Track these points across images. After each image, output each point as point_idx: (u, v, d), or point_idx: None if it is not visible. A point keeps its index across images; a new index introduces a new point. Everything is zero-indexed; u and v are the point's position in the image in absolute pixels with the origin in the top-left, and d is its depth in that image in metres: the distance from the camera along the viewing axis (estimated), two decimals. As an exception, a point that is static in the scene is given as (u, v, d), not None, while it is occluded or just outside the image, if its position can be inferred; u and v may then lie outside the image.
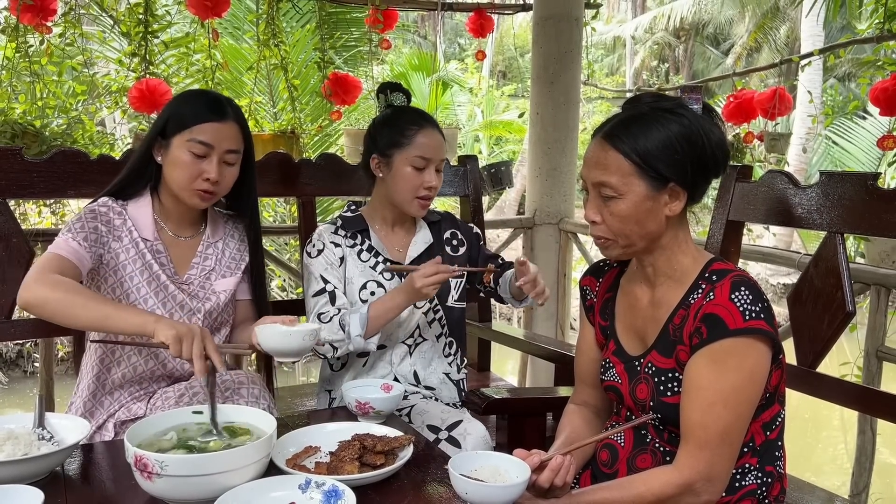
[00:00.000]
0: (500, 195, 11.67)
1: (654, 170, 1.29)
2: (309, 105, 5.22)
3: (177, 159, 1.65)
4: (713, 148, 1.31)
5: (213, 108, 1.67)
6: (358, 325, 1.82)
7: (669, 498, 1.27)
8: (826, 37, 11.09)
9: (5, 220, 1.96)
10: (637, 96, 1.39)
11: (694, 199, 1.35)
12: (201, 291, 1.77)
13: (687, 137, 1.29)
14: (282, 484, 1.22)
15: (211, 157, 1.65)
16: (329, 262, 1.94)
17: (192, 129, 1.64)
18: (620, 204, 1.31)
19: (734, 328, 1.24)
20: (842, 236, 1.73)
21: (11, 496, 1.15)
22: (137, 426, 1.31)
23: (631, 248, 1.36)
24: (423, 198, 1.94)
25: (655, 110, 1.31)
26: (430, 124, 1.95)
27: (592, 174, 1.34)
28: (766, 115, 3.44)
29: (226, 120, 1.67)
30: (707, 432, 1.25)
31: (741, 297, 1.26)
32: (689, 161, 1.30)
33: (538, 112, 3.73)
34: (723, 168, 1.35)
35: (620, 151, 1.30)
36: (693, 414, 1.27)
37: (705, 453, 1.25)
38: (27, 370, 7.22)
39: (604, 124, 1.35)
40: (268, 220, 5.10)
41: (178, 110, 1.68)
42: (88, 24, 4.36)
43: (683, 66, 20.09)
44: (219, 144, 1.65)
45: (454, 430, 1.75)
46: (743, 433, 1.29)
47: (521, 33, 18.06)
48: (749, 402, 1.27)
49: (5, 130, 2.53)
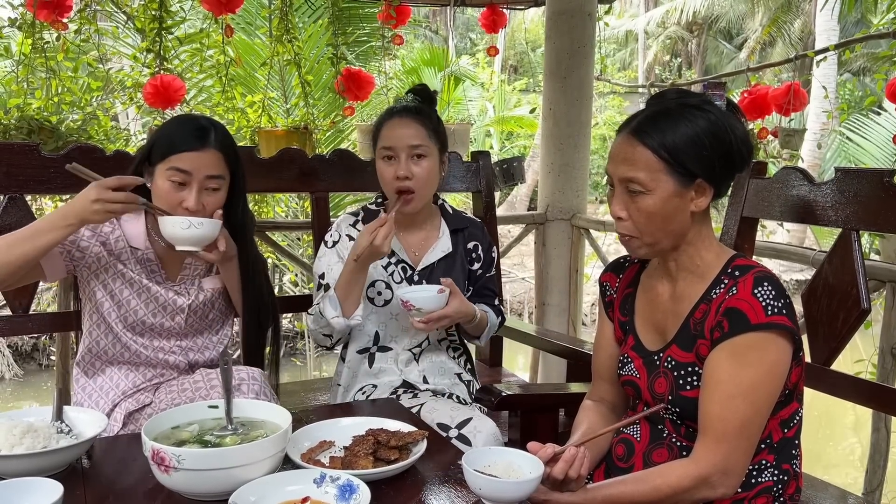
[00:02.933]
0: (511, 190, 11.65)
1: (683, 166, 1.29)
2: (322, 101, 5.23)
3: (158, 188, 1.66)
4: (739, 143, 1.31)
5: (196, 135, 1.66)
6: (330, 308, 1.83)
7: (686, 490, 1.27)
8: (841, 31, 11.00)
9: (23, 215, 1.98)
10: (662, 92, 1.39)
11: (719, 195, 1.35)
12: (189, 290, 1.77)
13: (714, 133, 1.29)
14: (297, 478, 1.23)
15: (191, 186, 1.64)
16: (340, 256, 1.95)
17: (171, 159, 1.64)
18: (648, 200, 1.31)
19: (756, 322, 1.24)
20: (857, 233, 1.72)
21: (32, 488, 1.16)
22: (154, 420, 1.32)
23: (657, 245, 1.36)
24: (401, 190, 1.89)
25: (682, 106, 1.31)
26: (399, 114, 1.91)
27: (620, 169, 1.33)
28: (780, 111, 3.42)
29: (206, 148, 1.65)
30: (725, 425, 1.25)
31: (764, 292, 1.26)
32: (717, 157, 1.30)
33: (551, 108, 3.72)
34: (747, 163, 1.35)
35: (649, 147, 1.29)
36: (712, 407, 1.26)
37: (723, 446, 1.25)
38: (42, 363, 7.29)
39: (630, 119, 1.35)
40: (280, 215, 5.12)
41: (162, 138, 1.68)
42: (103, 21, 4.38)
43: (696, 60, 19.96)
44: (197, 171, 1.64)
45: (464, 428, 1.74)
46: (761, 428, 1.28)
47: (533, 28, 17.99)
48: (768, 396, 1.27)
49: (22, 126, 2.55)
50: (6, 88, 3.40)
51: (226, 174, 1.70)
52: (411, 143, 1.89)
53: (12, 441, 1.30)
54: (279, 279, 6.51)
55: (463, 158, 2.66)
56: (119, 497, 1.26)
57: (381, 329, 1.99)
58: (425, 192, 1.93)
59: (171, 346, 1.79)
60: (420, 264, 1.99)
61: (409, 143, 1.89)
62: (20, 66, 2.89)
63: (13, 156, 1.97)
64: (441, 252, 2.00)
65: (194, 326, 1.80)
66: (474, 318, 1.92)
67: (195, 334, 1.82)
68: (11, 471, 1.25)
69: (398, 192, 1.89)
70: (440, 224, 2.04)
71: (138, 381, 1.77)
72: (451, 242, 2.02)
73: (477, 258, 2.06)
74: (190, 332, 1.80)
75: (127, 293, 1.73)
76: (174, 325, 1.77)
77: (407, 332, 1.98)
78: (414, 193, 1.89)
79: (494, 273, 2.12)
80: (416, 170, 1.88)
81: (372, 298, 1.95)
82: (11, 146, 2.01)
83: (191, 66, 3.65)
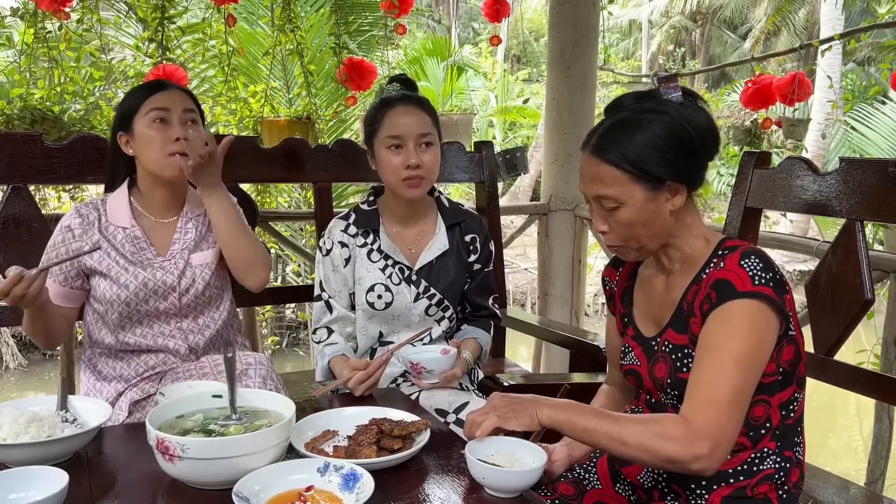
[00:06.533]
0: (514, 180, 11.63)
1: (648, 173, 1.30)
2: (324, 90, 5.21)
3: (143, 137, 1.73)
4: (700, 135, 1.31)
5: (155, 84, 1.79)
6: (319, 372, 1.95)
7: (668, 443, 1.20)
8: (846, 20, 10.93)
9: (26, 205, 1.99)
10: (617, 100, 1.38)
11: (694, 187, 1.36)
12: (179, 269, 1.77)
13: (671, 134, 1.29)
14: (301, 467, 1.23)
15: (172, 121, 1.73)
16: (334, 265, 1.97)
17: (146, 103, 1.73)
18: (624, 212, 1.32)
19: (742, 290, 1.24)
20: (861, 223, 1.71)
21: (37, 477, 1.17)
22: (159, 409, 1.33)
23: (644, 249, 1.38)
24: (409, 178, 1.88)
25: (636, 113, 1.32)
26: (401, 103, 1.91)
27: (591, 189, 1.35)
28: (784, 101, 3.40)
29: (171, 88, 1.78)
30: (716, 390, 1.22)
31: (751, 263, 1.26)
32: (679, 156, 1.30)
33: (554, 98, 3.71)
34: (715, 150, 1.35)
35: (611, 163, 1.30)
36: (703, 373, 1.24)
37: (712, 411, 1.21)
38: (46, 353, 7.31)
39: (590, 136, 1.36)
40: (283, 205, 5.11)
41: (126, 102, 1.78)
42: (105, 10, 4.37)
43: (700, 50, 19.88)
44: (175, 105, 1.74)
45: (462, 413, 1.75)
46: (748, 401, 1.26)
47: (536, 17, 17.92)
48: (757, 366, 1.25)
49: (25, 116, 2.55)
50: (9, 78, 3.39)
51: (197, 112, 1.79)
52: (420, 131, 1.89)
53: (17, 430, 1.31)
54: (282, 269, 6.51)
55: (466, 149, 2.66)
56: (124, 486, 1.26)
57: (384, 328, 1.99)
58: (432, 178, 1.94)
59: (171, 330, 1.78)
60: (417, 264, 1.97)
61: (417, 132, 1.88)
62: (23, 56, 2.88)
63: (16, 146, 1.97)
64: (438, 250, 1.99)
65: (190, 305, 1.79)
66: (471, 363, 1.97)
67: (194, 314, 1.80)
68: (16, 460, 1.26)
69: (406, 180, 1.89)
70: (436, 219, 2.03)
71: (141, 369, 1.77)
72: (447, 239, 2.00)
73: (474, 250, 2.04)
74: (188, 312, 1.79)
75: (116, 288, 1.72)
76: (168, 305, 1.76)
77: (409, 328, 1.97)
78: (424, 179, 1.90)
79: (492, 268, 2.11)
80: (425, 158, 1.89)
81: (372, 303, 1.94)
82: (14, 136, 2.01)
83: (193, 55, 3.63)
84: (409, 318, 1.97)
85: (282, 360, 7.14)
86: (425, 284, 1.96)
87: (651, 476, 1.42)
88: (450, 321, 2.02)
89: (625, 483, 1.48)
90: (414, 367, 1.81)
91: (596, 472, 1.52)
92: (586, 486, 1.51)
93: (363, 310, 1.96)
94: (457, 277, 2.00)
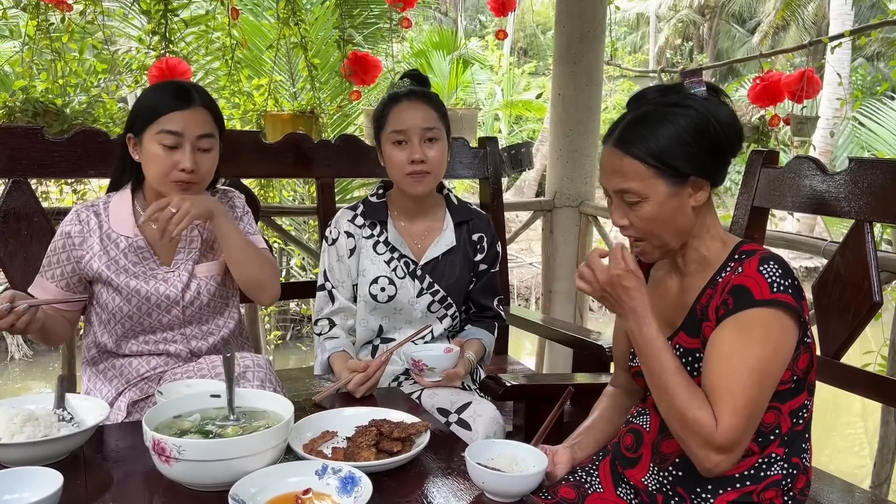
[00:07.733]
0: (519, 175, 11.61)
1: (672, 168, 1.28)
2: (328, 84, 5.18)
3: (150, 154, 1.64)
4: (725, 130, 1.29)
5: (178, 95, 1.65)
6: (318, 366, 1.93)
7: (697, 431, 1.21)
8: (856, 15, 10.85)
9: (27, 199, 1.97)
10: (640, 93, 1.36)
11: (716, 184, 1.34)
12: (183, 281, 1.73)
13: (696, 128, 1.27)
14: (299, 469, 1.22)
15: (183, 147, 1.63)
16: (339, 255, 1.95)
17: (160, 121, 1.62)
18: (646, 207, 1.30)
19: (760, 298, 1.22)
20: (870, 224, 1.69)
21: (31, 478, 1.16)
22: (156, 409, 1.31)
23: (665, 247, 1.35)
24: (413, 173, 1.87)
25: (660, 106, 1.30)
26: (407, 98, 1.89)
27: (612, 182, 1.32)
28: (793, 98, 3.36)
29: (193, 106, 1.64)
30: (735, 398, 1.20)
31: (770, 269, 1.25)
32: (705, 151, 1.28)
33: (560, 93, 3.68)
34: (738, 146, 1.33)
35: (635, 156, 1.28)
36: (719, 380, 1.22)
37: (735, 420, 1.20)
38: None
39: (612, 129, 1.34)
40: (287, 200, 5.10)
41: (144, 104, 1.67)
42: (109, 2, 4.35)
43: (708, 44, 19.76)
44: (188, 131, 1.63)
45: (464, 413, 1.73)
46: (763, 411, 1.25)
47: (543, 10, 17.84)
48: (773, 376, 1.24)
49: (27, 109, 2.53)
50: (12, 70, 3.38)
51: (215, 132, 1.69)
52: (425, 125, 1.87)
53: (13, 429, 1.30)
54: (286, 264, 6.51)
55: (470, 144, 2.64)
56: (120, 487, 1.25)
57: (384, 322, 1.97)
58: (438, 174, 1.92)
59: (174, 336, 1.77)
60: (423, 259, 1.96)
61: (422, 127, 1.87)
62: (25, 48, 2.87)
63: (17, 139, 1.96)
64: (445, 246, 1.98)
65: (195, 316, 1.77)
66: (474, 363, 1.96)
67: (197, 323, 1.79)
68: (12, 459, 1.25)
69: (410, 175, 1.87)
70: (444, 215, 2.01)
71: (142, 369, 1.76)
72: (454, 236, 1.99)
73: (481, 249, 2.03)
74: (192, 321, 1.78)
75: (119, 300, 1.70)
76: (172, 318, 1.75)
77: (411, 324, 1.96)
78: (429, 174, 1.88)
79: (498, 269, 2.09)
80: (429, 153, 1.87)
81: (375, 295, 1.93)
82: (15, 129, 2.00)
83: (197, 48, 3.62)
84: (411, 314, 1.95)
85: (285, 355, 7.14)
86: (430, 280, 1.94)
87: (656, 479, 1.40)
88: (452, 319, 2.00)
89: (627, 486, 1.47)
90: (416, 365, 1.80)
91: (598, 475, 1.51)
92: (588, 490, 1.49)
93: (365, 301, 1.94)
94: (462, 275, 1.98)
